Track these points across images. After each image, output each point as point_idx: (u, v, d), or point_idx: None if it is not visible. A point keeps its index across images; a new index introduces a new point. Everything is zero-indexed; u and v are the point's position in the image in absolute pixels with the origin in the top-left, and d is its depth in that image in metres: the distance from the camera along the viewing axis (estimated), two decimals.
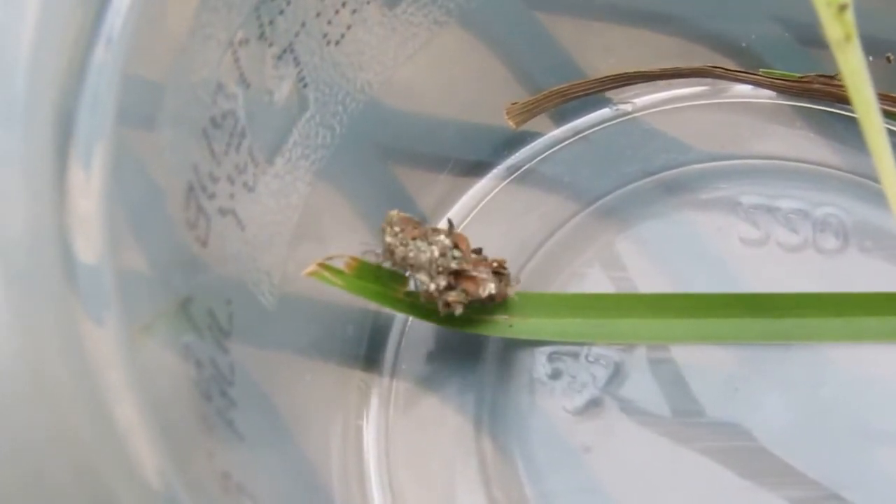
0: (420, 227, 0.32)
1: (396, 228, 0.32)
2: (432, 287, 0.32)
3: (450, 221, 0.34)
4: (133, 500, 0.19)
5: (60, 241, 0.21)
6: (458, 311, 0.32)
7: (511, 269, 0.35)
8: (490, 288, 0.32)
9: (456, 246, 0.32)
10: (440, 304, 0.32)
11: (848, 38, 0.24)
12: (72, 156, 0.22)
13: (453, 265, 0.32)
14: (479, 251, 0.33)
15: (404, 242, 0.32)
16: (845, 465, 0.31)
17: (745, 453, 0.32)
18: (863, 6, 0.25)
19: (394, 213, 0.32)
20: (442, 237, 0.32)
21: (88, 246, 0.21)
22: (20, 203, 0.20)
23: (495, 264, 0.32)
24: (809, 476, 0.31)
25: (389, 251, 0.32)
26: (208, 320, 0.26)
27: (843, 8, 0.24)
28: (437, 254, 0.32)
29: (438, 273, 0.31)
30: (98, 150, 0.22)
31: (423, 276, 0.32)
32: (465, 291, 0.32)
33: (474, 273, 0.32)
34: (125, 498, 0.19)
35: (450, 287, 0.32)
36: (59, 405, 0.19)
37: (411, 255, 0.32)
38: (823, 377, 0.33)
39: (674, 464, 0.32)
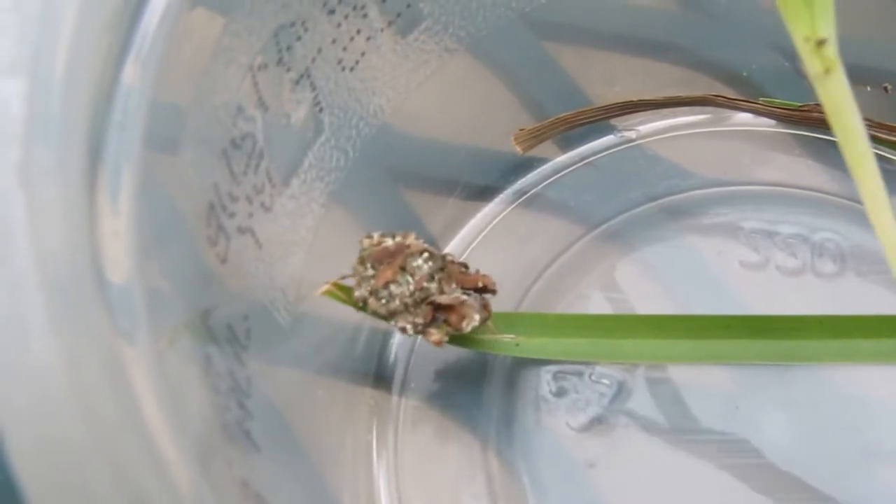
0: (398, 256, 0.31)
1: (369, 270, 0.30)
2: (409, 329, 0.30)
3: (445, 256, 0.32)
4: (164, 502, 0.20)
5: (92, 259, 0.21)
6: (443, 346, 0.31)
7: (517, 290, 0.36)
8: (474, 320, 0.31)
9: (441, 269, 0.31)
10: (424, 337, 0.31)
11: (828, 71, 0.24)
12: (101, 177, 0.22)
13: (435, 297, 0.30)
14: (465, 266, 0.32)
15: (374, 291, 0.30)
16: (843, 482, 0.32)
17: (745, 470, 0.32)
18: (860, 37, 0.25)
19: (366, 242, 0.31)
20: (420, 262, 0.31)
21: (117, 266, 0.22)
22: (58, 217, 0.20)
23: (481, 284, 0.31)
24: (809, 493, 0.32)
25: (362, 301, 0.31)
26: (227, 334, 0.26)
27: (821, 43, 0.24)
28: (412, 288, 0.30)
29: (417, 305, 0.30)
30: (125, 171, 0.22)
31: (400, 322, 0.30)
32: (447, 322, 0.31)
33: (458, 302, 0.31)
34: (156, 498, 0.19)
35: (432, 320, 0.31)
36: (94, 411, 0.20)
37: (382, 302, 0.30)
38: (821, 397, 0.33)
39: (676, 480, 0.32)
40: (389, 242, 0.31)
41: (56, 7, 0.22)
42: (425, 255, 0.31)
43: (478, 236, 0.37)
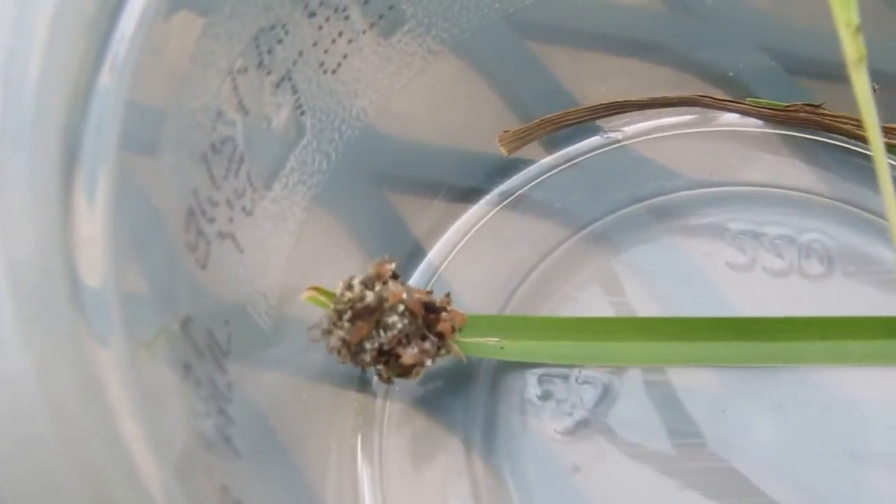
0: (376, 312, 0.30)
1: (345, 324, 0.30)
2: (367, 362, 0.31)
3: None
4: None
5: (66, 263, 0.21)
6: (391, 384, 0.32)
7: (503, 293, 0.35)
8: (425, 366, 0.31)
9: (415, 326, 0.31)
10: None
11: (861, 58, 0.25)
12: (76, 180, 0.22)
13: (401, 354, 0.30)
14: (432, 303, 0.31)
15: (347, 343, 0.30)
16: (831, 484, 0.32)
17: (732, 473, 0.32)
18: None
19: (347, 295, 0.30)
20: (395, 318, 0.30)
21: (92, 269, 0.22)
22: (30, 224, 0.20)
23: (440, 329, 0.31)
24: (796, 495, 0.32)
25: (335, 352, 0.31)
26: (207, 340, 0.26)
27: (858, 29, 0.25)
28: (384, 342, 0.30)
29: (381, 355, 0.31)
30: (102, 174, 0.22)
31: (361, 365, 0.31)
32: (400, 369, 0.31)
33: (419, 361, 0.31)
34: None
35: (386, 363, 0.31)
36: (66, 418, 0.19)
37: (353, 353, 0.30)
38: (808, 399, 0.33)
39: (662, 484, 0.32)
40: (370, 297, 0.30)
41: (31, 10, 0.22)
42: (401, 308, 0.30)
43: (463, 238, 0.37)
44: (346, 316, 0.30)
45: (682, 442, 0.33)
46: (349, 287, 0.30)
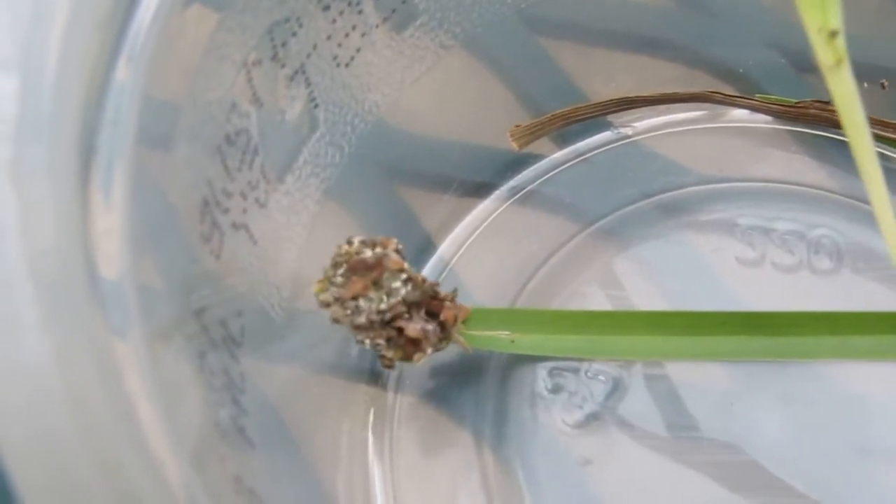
0: (374, 270, 0.30)
1: (339, 277, 0.30)
2: (368, 344, 0.30)
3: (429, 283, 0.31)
4: (156, 499, 0.20)
5: (84, 256, 0.21)
6: (393, 367, 0.31)
7: (513, 287, 0.35)
8: (426, 353, 0.31)
9: (419, 297, 0.30)
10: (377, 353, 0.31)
11: (839, 62, 0.24)
12: (93, 174, 0.22)
13: (404, 325, 0.30)
14: (436, 290, 0.31)
15: (341, 300, 0.29)
16: (839, 480, 0.32)
17: (740, 467, 0.32)
18: (858, 33, 0.25)
19: (344, 248, 0.30)
20: (398, 284, 0.30)
21: (110, 262, 0.22)
22: (48, 217, 0.20)
23: (443, 318, 0.31)
24: (804, 490, 0.32)
25: (325, 305, 0.30)
26: (221, 331, 0.26)
27: (833, 34, 0.24)
28: (384, 307, 0.29)
29: (383, 326, 0.30)
30: (118, 168, 0.22)
31: (360, 335, 0.30)
32: (402, 350, 0.30)
33: (423, 336, 0.30)
34: (149, 496, 0.19)
35: (388, 339, 0.30)
36: (84, 408, 0.20)
37: (348, 313, 0.29)
38: (817, 394, 0.33)
39: (671, 477, 0.32)
40: (368, 254, 0.30)
41: (48, 4, 0.22)
42: (404, 276, 0.30)
43: (473, 233, 0.37)
44: (341, 270, 0.30)
45: (691, 435, 0.33)
46: (349, 242, 0.30)
